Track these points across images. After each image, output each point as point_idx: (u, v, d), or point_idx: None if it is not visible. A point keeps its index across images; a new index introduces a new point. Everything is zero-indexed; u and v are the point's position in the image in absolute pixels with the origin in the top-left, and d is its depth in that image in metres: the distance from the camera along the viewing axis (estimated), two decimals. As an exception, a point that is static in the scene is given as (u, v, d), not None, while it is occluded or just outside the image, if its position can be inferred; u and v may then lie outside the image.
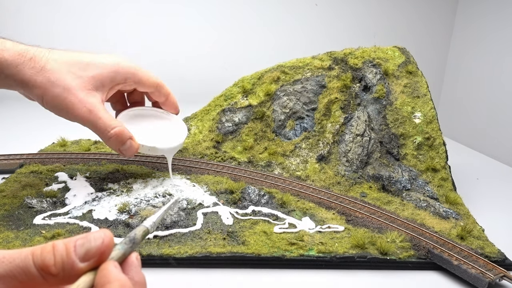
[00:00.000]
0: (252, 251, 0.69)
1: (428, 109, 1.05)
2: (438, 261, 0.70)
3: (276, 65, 1.17)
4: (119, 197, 0.83)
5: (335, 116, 1.06)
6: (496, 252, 0.73)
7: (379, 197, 0.91)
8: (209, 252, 0.68)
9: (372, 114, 1.06)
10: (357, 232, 0.76)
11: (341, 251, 0.70)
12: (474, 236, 0.78)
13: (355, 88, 1.09)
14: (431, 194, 0.93)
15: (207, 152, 1.06)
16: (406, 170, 0.99)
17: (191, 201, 0.83)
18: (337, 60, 1.14)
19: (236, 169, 0.98)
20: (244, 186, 0.88)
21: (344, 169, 0.98)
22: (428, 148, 1.01)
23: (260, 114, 1.08)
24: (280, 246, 0.70)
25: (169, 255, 0.67)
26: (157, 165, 1.00)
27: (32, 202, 0.79)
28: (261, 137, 1.07)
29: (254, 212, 0.81)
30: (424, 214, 0.85)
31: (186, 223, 0.75)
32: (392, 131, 1.03)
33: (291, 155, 1.03)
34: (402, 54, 1.15)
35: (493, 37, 1.90)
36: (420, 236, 0.75)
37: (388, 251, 0.71)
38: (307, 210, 0.83)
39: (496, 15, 1.89)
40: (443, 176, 0.98)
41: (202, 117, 1.14)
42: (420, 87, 1.08)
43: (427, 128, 1.03)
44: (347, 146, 1.01)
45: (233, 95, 1.14)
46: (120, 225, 0.73)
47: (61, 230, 0.70)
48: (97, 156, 1.04)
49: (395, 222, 0.80)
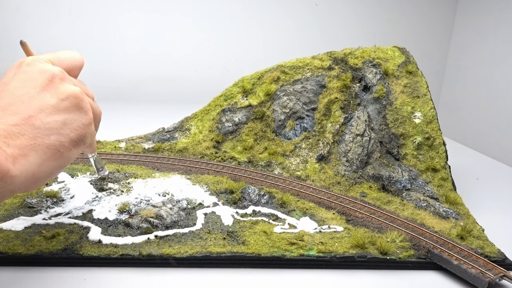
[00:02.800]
0: (252, 251, 0.69)
1: (428, 109, 1.05)
2: (438, 261, 0.70)
3: (276, 65, 1.17)
4: (119, 197, 0.83)
5: (335, 116, 1.06)
6: (496, 252, 0.73)
7: (379, 197, 0.91)
8: (209, 252, 0.68)
9: (372, 114, 1.06)
10: (357, 232, 0.76)
11: (341, 251, 0.70)
12: (474, 236, 0.78)
13: (355, 88, 1.09)
14: (431, 194, 0.93)
15: (207, 152, 1.06)
16: (406, 170, 0.99)
17: (191, 201, 0.83)
18: (337, 60, 1.14)
19: (236, 169, 0.99)
20: (244, 186, 0.88)
21: (344, 169, 0.99)
22: (428, 148, 1.01)
23: (260, 114, 1.08)
24: (280, 246, 0.70)
25: (169, 255, 0.67)
26: (157, 165, 1.00)
27: (32, 202, 0.79)
28: (261, 137, 1.07)
29: (254, 212, 0.82)
30: (424, 214, 0.85)
31: (186, 223, 0.75)
32: (392, 131, 1.03)
33: (291, 155, 1.03)
34: (402, 54, 1.15)
35: (493, 37, 1.90)
36: (420, 236, 0.75)
37: (388, 251, 0.71)
38: (307, 210, 0.83)
39: (496, 15, 1.89)
40: (443, 176, 0.98)
41: (202, 117, 1.14)
42: (420, 87, 1.08)
43: (427, 128, 1.03)
44: (347, 146, 1.01)
45: (233, 95, 1.14)
46: (120, 225, 0.73)
47: (61, 230, 0.70)
48: (97, 156, 1.04)
49: (395, 222, 0.80)
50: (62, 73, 0.56)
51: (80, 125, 0.55)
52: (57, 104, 0.53)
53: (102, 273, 0.64)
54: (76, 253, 0.65)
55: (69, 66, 0.61)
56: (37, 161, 0.50)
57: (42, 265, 0.65)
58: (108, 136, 1.18)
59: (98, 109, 0.64)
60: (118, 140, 1.17)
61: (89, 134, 0.58)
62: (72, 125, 0.54)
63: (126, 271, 0.65)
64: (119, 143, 1.14)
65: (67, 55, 0.61)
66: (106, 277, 0.63)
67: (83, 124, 0.56)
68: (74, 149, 0.55)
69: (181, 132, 1.14)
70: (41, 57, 0.57)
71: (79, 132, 0.55)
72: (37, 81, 0.53)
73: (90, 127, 0.58)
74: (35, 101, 0.51)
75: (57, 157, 0.53)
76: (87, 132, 0.57)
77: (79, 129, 0.55)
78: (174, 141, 1.11)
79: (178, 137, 1.12)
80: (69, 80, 0.57)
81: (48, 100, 0.52)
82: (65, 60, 0.60)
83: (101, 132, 0.78)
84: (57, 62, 0.59)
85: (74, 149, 0.55)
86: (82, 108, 0.56)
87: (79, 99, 0.56)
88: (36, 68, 0.54)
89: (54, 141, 0.52)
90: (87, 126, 0.57)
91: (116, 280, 0.63)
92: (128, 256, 0.66)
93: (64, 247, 0.66)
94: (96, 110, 0.63)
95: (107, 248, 0.67)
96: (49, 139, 0.51)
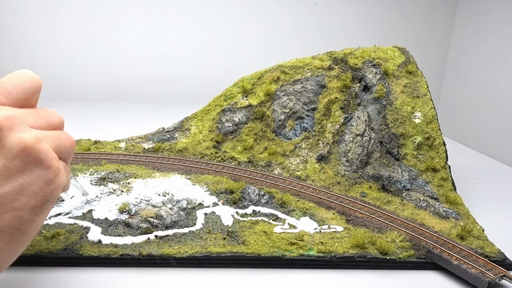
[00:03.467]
0: (252, 251, 0.69)
1: (428, 109, 1.05)
2: (438, 260, 0.70)
3: (276, 65, 1.17)
4: (119, 197, 0.83)
5: (335, 116, 1.06)
6: (496, 252, 0.73)
7: (379, 197, 0.91)
8: (209, 252, 0.68)
9: (372, 114, 1.06)
10: (357, 232, 0.76)
11: (341, 251, 0.70)
12: (474, 236, 0.78)
13: (355, 88, 1.09)
14: (431, 194, 0.93)
15: (207, 152, 1.06)
16: (406, 170, 0.99)
17: (191, 201, 0.83)
18: (337, 60, 1.14)
19: (236, 169, 0.99)
20: (244, 186, 0.88)
21: (344, 169, 0.99)
22: (428, 148, 1.01)
23: (260, 114, 1.08)
24: (280, 246, 0.70)
25: (169, 255, 0.67)
26: (157, 165, 1.00)
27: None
28: (261, 137, 1.07)
29: (254, 212, 0.82)
30: (424, 214, 0.85)
31: (186, 223, 0.75)
32: (392, 131, 1.03)
33: (291, 155, 1.03)
34: (402, 54, 1.15)
35: (493, 37, 1.90)
36: (420, 236, 0.75)
37: (388, 251, 0.71)
38: (307, 210, 0.83)
39: (496, 15, 1.89)
40: (443, 176, 0.98)
41: (202, 117, 1.14)
42: (420, 87, 1.08)
43: (427, 128, 1.03)
44: (347, 146, 1.01)
45: (233, 95, 1.14)
46: (120, 225, 0.73)
47: (61, 230, 0.70)
48: (97, 156, 1.04)
49: (395, 222, 0.80)
50: (8, 119, 0.42)
51: (41, 185, 0.44)
52: (5, 167, 0.41)
53: (102, 273, 0.64)
54: (76, 253, 0.65)
55: (22, 96, 0.47)
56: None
57: (42, 265, 0.65)
58: (108, 136, 1.18)
59: (68, 140, 0.50)
60: (118, 140, 1.17)
61: (57, 190, 0.46)
62: (31, 189, 0.43)
63: (126, 271, 0.65)
64: (119, 143, 1.14)
65: (16, 82, 0.47)
66: (106, 277, 0.63)
67: (45, 182, 0.44)
68: (40, 216, 0.44)
69: (181, 132, 1.14)
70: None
71: (41, 194, 0.44)
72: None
73: (56, 181, 0.45)
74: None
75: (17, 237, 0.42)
76: (53, 189, 0.45)
77: (41, 191, 0.44)
78: (174, 141, 1.11)
79: (178, 137, 1.12)
80: (20, 124, 0.43)
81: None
82: (14, 91, 0.46)
83: (101, 132, 0.78)
84: (5, 97, 0.45)
85: (39, 217, 0.44)
86: (40, 161, 0.43)
87: (35, 151, 0.43)
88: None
89: (8, 221, 0.41)
90: (52, 182, 0.45)
91: (116, 280, 0.63)
92: (128, 256, 0.66)
93: (64, 247, 0.66)
94: (65, 144, 0.49)
95: (107, 248, 0.67)
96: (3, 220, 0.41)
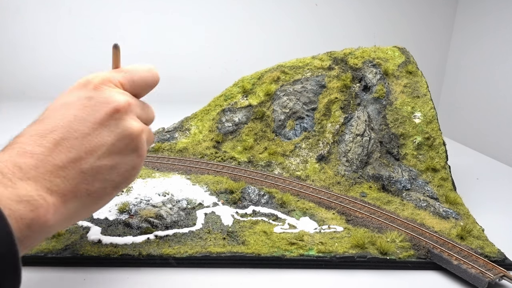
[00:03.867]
0: (252, 251, 0.69)
1: (428, 109, 1.05)
2: (438, 260, 0.70)
3: (276, 65, 1.17)
4: (119, 197, 0.83)
5: (335, 116, 1.06)
6: (496, 252, 0.73)
7: (379, 197, 0.91)
8: (209, 252, 0.68)
9: (372, 114, 1.06)
10: (357, 232, 0.76)
11: (341, 251, 0.70)
12: (474, 236, 0.78)
13: (355, 88, 1.09)
14: (431, 194, 0.93)
15: (207, 152, 1.06)
16: (406, 170, 0.99)
17: (191, 201, 0.83)
18: (337, 60, 1.14)
19: (236, 169, 0.99)
20: (244, 186, 0.88)
21: (344, 169, 0.99)
22: (428, 148, 1.01)
23: (260, 114, 1.08)
24: (280, 246, 0.70)
25: (169, 255, 0.67)
26: (157, 165, 1.00)
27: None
28: (261, 137, 1.07)
29: (254, 212, 0.82)
30: (424, 214, 0.85)
31: (186, 223, 0.75)
32: (392, 131, 1.03)
33: (291, 155, 1.03)
34: (402, 54, 1.15)
35: (493, 37, 1.90)
36: (420, 236, 0.75)
37: (388, 251, 0.71)
38: (307, 210, 0.83)
39: (496, 15, 1.89)
40: (443, 176, 0.98)
41: (202, 117, 1.14)
42: (420, 87, 1.08)
43: (427, 128, 1.03)
44: (347, 146, 1.01)
45: (233, 95, 1.14)
46: (120, 225, 0.73)
47: (61, 230, 0.70)
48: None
49: (395, 222, 0.80)
50: (128, 105, 0.51)
51: (128, 168, 0.51)
52: (112, 144, 0.48)
53: (102, 273, 0.64)
54: (76, 253, 0.65)
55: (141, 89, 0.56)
56: (75, 209, 0.45)
57: (42, 265, 0.65)
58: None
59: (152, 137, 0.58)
60: (118, 140, 1.17)
61: (135, 177, 0.53)
62: (120, 169, 0.50)
63: (126, 271, 0.65)
64: (119, 143, 1.14)
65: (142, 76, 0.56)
66: (106, 277, 0.63)
67: (132, 168, 0.51)
68: (114, 193, 0.51)
69: (181, 132, 1.14)
70: (113, 78, 0.53)
71: (126, 176, 0.51)
72: (97, 114, 0.48)
73: (139, 169, 0.53)
74: (90, 140, 0.46)
75: (96, 204, 0.49)
76: (135, 174, 0.52)
77: (127, 173, 0.51)
78: (174, 141, 1.11)
79: (178, 137, 1.12)
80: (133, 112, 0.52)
81: (103, 139, 0.47)
82: (137, 82, 0.55)
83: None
84: (128, 85, 0.54)
85: (114, 193, 0.51)
86: (137, 149, 0.51)
87: (137, 140, 0.51)
88: (102, 96, 0.49)
89: (97, 189, 0.47)
90: (137, 168, 0.52)
91: (116, 280, 0.63)
92: (128, 256, 0.66)
93: (64, 247, 0.66)
94: (150, 139, 0.57)
95: (107, 248, 0.67)
96: (93, 186, 0.47)
